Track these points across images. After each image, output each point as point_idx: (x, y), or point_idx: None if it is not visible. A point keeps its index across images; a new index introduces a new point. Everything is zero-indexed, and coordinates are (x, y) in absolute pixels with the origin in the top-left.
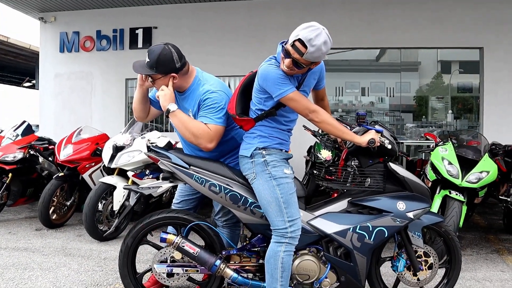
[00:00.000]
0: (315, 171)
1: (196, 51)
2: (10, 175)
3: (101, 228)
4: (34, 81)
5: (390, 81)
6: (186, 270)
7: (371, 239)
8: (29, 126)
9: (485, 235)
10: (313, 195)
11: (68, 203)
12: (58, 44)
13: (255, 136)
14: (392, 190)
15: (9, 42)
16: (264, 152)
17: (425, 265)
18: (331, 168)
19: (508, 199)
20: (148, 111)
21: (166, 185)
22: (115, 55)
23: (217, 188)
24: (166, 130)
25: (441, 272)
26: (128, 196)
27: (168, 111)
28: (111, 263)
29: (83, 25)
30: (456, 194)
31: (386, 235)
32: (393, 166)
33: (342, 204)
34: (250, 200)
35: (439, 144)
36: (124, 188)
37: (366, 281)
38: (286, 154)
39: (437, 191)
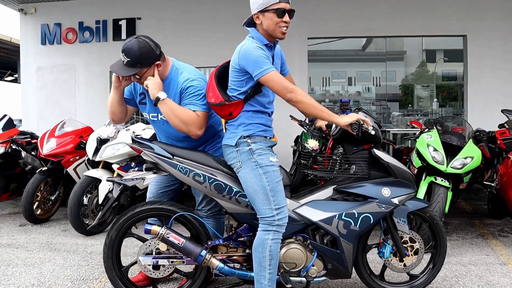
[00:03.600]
0: (302, 161)
1: (180, 42)
2: None
3: (87, 222)
4: (16, 75)
5: (376, 70)
6: (172, 262)
7: (357, 226)
8: (10, 120)
9: (470, 220)
10: (300, 185)
11: (53, 198)
12: (40, 36)
13: (238, 124)
14: (377, 177)
15: None
16: (249, 140)
17: (411, 251)
18: (318, 157)
19: (492, 185)
20: (126, 111)
21: (150, 176)
22: (98, 47)
23: (202, 178)
24: None
25: (428, 257)
26: (113, 189)
27: (157, 99)
28: (97, 257)
29: (65, 16)
30: (442, 180)
31: (371, 221)
32: (377, 152)
33: (328, 192)
34: (235, 189)
35: (424, 131)
36: (108, 180)
37: (353, 268)
38: (271, 142)
39: (423, 178)
